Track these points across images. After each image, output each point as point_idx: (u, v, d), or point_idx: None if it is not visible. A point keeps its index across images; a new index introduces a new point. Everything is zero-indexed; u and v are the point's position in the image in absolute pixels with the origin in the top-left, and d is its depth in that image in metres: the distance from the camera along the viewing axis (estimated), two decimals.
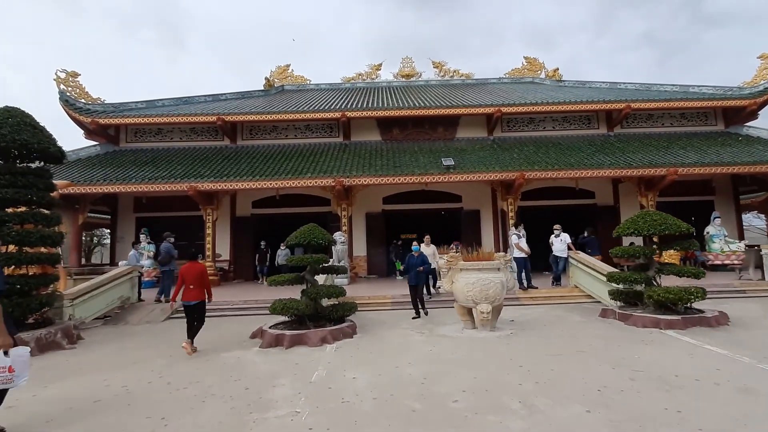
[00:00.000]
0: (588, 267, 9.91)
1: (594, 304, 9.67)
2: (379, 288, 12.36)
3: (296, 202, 16.65)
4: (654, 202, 15.04)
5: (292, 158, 15.90)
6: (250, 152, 16.64)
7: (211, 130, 17.69)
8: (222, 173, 14.38)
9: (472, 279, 7.00)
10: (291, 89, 23.38)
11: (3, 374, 3.38)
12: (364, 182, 14.07)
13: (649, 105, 16.60)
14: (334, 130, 17.70)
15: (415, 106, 16.88)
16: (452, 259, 7.31)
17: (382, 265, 16.69)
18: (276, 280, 7.26)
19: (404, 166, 14.59)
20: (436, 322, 8.23)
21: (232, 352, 6.42)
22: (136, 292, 10.97)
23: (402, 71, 24.38)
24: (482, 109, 16.54)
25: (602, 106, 16.69)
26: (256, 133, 17.72)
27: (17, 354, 3.50)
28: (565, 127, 17.73)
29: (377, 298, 10.52)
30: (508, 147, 16.49)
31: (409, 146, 16.80)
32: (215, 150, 17.04)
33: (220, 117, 16.26)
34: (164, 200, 16.40)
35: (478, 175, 14.01)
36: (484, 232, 16.87)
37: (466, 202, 16.99)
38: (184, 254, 16.92)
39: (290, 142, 17.55)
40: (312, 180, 13.96)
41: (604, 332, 6.83)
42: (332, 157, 15.94)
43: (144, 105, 18.30)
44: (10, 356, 3.43)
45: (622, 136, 17.29)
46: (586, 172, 14.00)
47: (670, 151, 15.47)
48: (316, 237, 7.56)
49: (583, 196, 17.03)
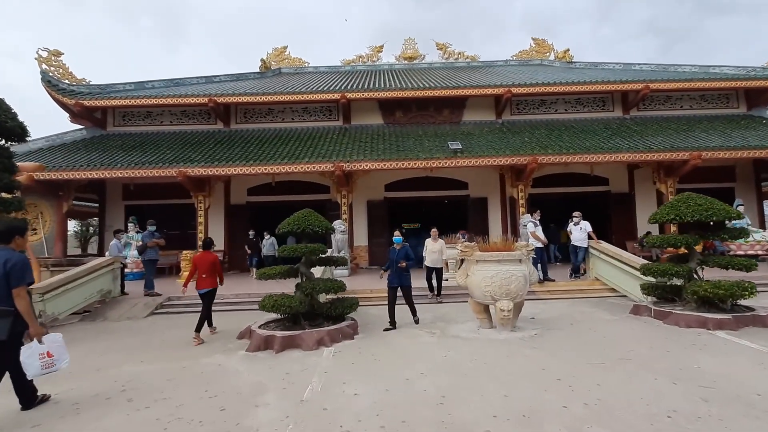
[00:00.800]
0: (613, 258, 8.96)
1: (619, 298, 8.75)
2: (382, 280, 11.44)
3: (294, 190, 15.68)
4: (674, 188, 14.05)
5: (288, 142, 14.88)
6: (244, 136, 15.61)
7: (203, 113, 16.63)
8: (214, 158, 13.38)
9: (491, 272, 6.06)
10: (288, 72, 22.23)
11: (44, 359, 3.62)
12: (365, 167, 13.07)
13: (669, 85, 15.50)
14: (334, 113, 16.63)
15: (419, 87, 15.79)
16: (467, 249, 6.37)
17: (385, 255, 15.68)
18: (266, 273, 6.32)
19: (408, 150, 13.57)
20: (448, 319, 7.32)
21: (214, 357, 5.51)
22: (118, 284, 10.05)
23: (404, 53, 23.19)
24: (491, 89, 15.46)
25: (619, 87, 15.60)
26: (250, 117, 16.66)
27: (51, 340, 3.74)
28: (578, 109, 16.65)
29: (380, 292, 9.58)
30: (518, 130, 15.45)
31: (413, 130, 15.76)
32: (207, 134, 16.01)
33: (212, 99, 15.20)
34: (155, 187, 15.43)
35: (488, 159, 13.00)
36: (492, 221, 15.92)
37: (473, 189, 16.01)
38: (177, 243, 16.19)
39: (287, 126, 16.50)
40: (310, 165, 12.96)
41: (643, 333, 5.91)
42: (331, 141, 14.92)
43: (132, 87, 17.21)
44: (45, 342, 3.65)
45: (639, 120, 16.23)
46: (602, 156, 12.99)
47: (692, 135, 14.43)
48: (311, 224, 6.61)
49: (597, 183, 16.04)
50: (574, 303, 8.55)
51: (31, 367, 3.61)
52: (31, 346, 3.62)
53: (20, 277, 3.50)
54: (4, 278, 3.46)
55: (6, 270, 3.46)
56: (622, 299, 8.66)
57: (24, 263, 3.57)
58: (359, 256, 15.67)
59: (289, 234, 6.84)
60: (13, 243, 3.70)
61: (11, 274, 3.47)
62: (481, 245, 6.51)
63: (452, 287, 9.63)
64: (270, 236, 13.65)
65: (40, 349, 3.62)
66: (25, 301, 3.47)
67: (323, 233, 6.72)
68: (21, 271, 3.51)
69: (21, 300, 3.45)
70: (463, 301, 8.80)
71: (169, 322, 8.15)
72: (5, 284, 3.46)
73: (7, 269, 3.46)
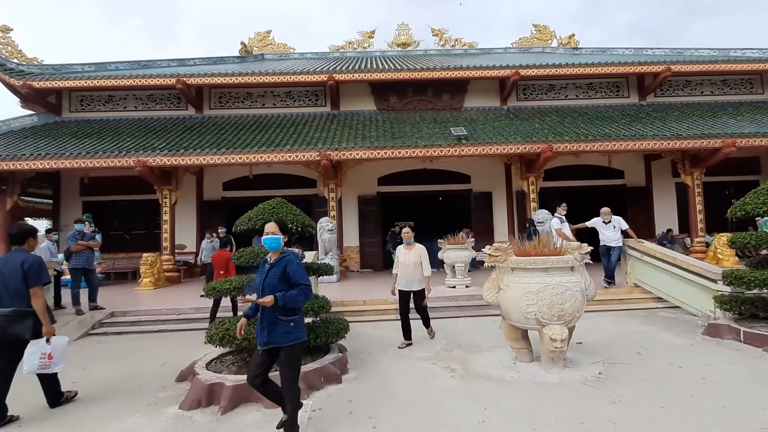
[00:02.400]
0: (662, 261, 7.20)
1: (671, 310, 7.02)
2: (376, 286, 9.58)
3: (276, 184, 13.75)
4: (701, 180, 12.45)
5: (269, 129, 12.93)
6: (219, 123, 13.61)
7: (172, 98, 14.57)
8: (181, 146, 11.37)
9: (536, 285, 4.24)
10: (272, 58, 20.19)
11: (43, 360, 3.59)
12: (356, 156, 11.19)
13: (692, 68, 13.89)
14: (320, 98, 14.71)
15: (416, 69, 13.96)
16: (498, 252, 4.54)
17: (378, 256, 13.92)
18: (215, 288, 4.41)
19: (405, 138, 11.73)
20: (467, 344, 5.49)
21: (132, 417, 3.60)
22: (50, 296, 8.01)
23: (397, 39, 21.30)
24: (496, 71, 13.68)
25: (636, 69, 13.94)
26: (226, 101, 14.65)
27: (57, 342, 3.73)
28: (590, 95, 14.97)
29: (375, 303, 7.73)
30: (526, 117, 13.71)
31: (409, 116, 13.92)
32: (177, 121, 13.97)
33: (180, 79, 13.16)
34: (117, 181, 13.37)
35: (497, 147, 11.21)
36: (497, 218, 14.15)
37: (475, 182, 14.23)
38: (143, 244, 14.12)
39: (268, 112, 14.53)
40: (292, 153, 11.04)
41: (751, 370, 4.14)
42: (318, 128, 13.00)
43: (92, 68, 15.09)
44: (51, 344, 3.67)
45: (657, 106, 14.60)
46: (626, 144, 11.30)
47: (719, 121, 12.83)
48: (284, 219, 4.71)
49: (611, 175, 14.40)
50: (617, 317, 6.79)
51: (30, 363, 3.59)
52: (38, 342, 3.61)
53: (38, 276, 3.57)
54: (22, 278, 3.52)
55: (24, 270, 3.53)
56: (674, 311, 6.93)
57: (40, 263, 3.65)
58: (349, 258, 13.79)
59: (255, 233, 4.93)
60: (26, 244, 3.75)
61: (29, 273, 3.53)
62: (517, 248, 4.68)
63: (458, 295, 7.80)
64: (214, 237, 10.22)
65: (45, 348, 3.63)
66: (41, 300, 3.56)
67: (298, 231, 4.83)
68: (38, 271, 3.59)
69: (38, 299, 3.53)
70: (477, 315, 6.98)
71: (102, 349, 6.19)
72: (24, 284, 3.52)
73: (25, 269, 3.53)
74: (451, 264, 8.98)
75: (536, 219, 11.13)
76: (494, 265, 4.69)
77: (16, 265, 3.54)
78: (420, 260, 5.59)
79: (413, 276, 5.58)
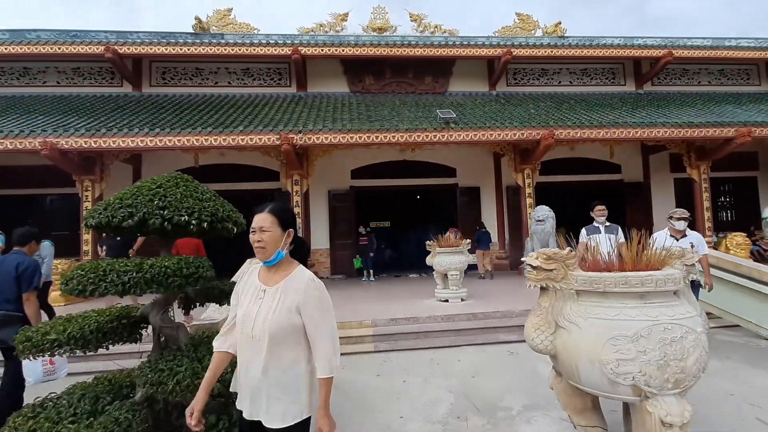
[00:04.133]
0: (722, 270, 5.50)
1: (731, 332, 5.35)
2: (350, 300, 7.56)
3: (231, 176, 11.52)
4: (707, 175, 11.11)
5: (220, 109, 10.67)
6: (161, 103, 11.21)
7: (104, 73, 12.02)
8: (105, 126, 8.96)
9: (633, 323, 2.34)
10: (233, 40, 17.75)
11: (46, 366, 3.25)
12: (324, 140, 9.12)
13: (694, 53, 12.62)
14: (284, 77, 12.53)
15: (395, 44, 12.05)
16: (553, 263, 2.64)
17: (351, 260, 11.87)
18: (29, 339, 2.27)
19: (383, 121, 9.77)
20: (484, 404, 3.53)
21: None
22: None
23: (373, 23, 19.08)
24: (486, 50, 11.96)
25: (637, 53, 12.52)
26: (171, 77, 12.23)
27: None
28: (585, 82, 13.48)
29: (347, 327, 5.69)
30: (518, 102, 12.03)
31: (388, 100, 11.98)
32: (108, 99, 11.46)
33: (110, 47, 10.70)
34: (34, 172, 10.74)
35: (491, 132, 9.42)
36: (486, 216, 12.38)
37: (462, 176, 12.43)
38: (64, 248, 11.45)
39: (222, 92, 12.23)
40: (246, 136, 8.86)
41: None
42: (281, 110, 10.84)
43: (6, 35, 12.31)
44: None
45: (654, 95, 13.27)
46: (636, 131, 9.79)
47: (725, 110, 11.56)
48: (175, 208, 2.62)
49: (607, 169, 12.94)
50: None
51: (34, 372, 3.21)
52: None
53: (31, 281, 3.40)
54: (15, 281, 3.36)
55: (17, 273, 3.37)
56: (736, 333, 5.27)
57: (35, 267, 3.49)
58: (318, 263, 11.69)
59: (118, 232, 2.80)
60: (27, 247, 3.60)
61: (22, 277, 3.37)
62: (582, 253, 2.79)
63: (454, 313, 5.86)
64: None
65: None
66: (35, 305, 3.39)
67: (203, 227, 2.75)
68: (32, 275, 3.41)
69: (31, 304, 3.37)
70: (488, 343, 5.08)
71: None
72: (17, 288, 3.36)
73: (18, 272, 3.37)
74: (443, 272, 7.07)
75: (536, 217, 9.42)
76: (544, 285, 2.77)
77: (11, 267, 3.38)
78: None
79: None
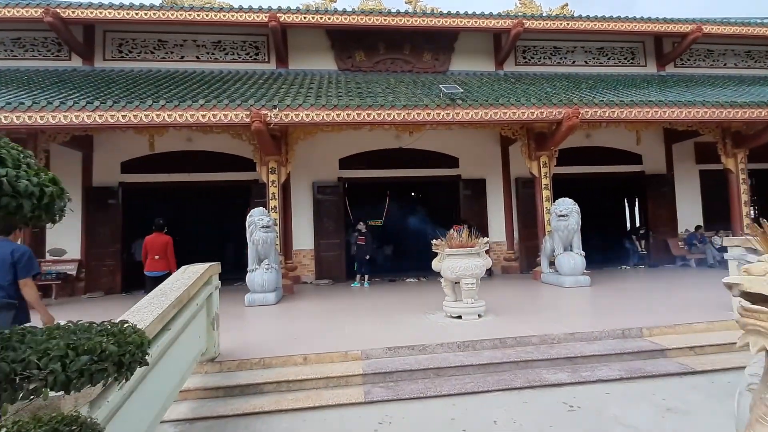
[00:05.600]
0: None
1: None
2: (334, 315, 5.87)
3: (201, 165, 9.82)
4: (745, 164, 9.65)
5: (183, 84, 8.91)
6: (115, 79, 9.41)
7: (50, 44, 10.16)
8: (40, 101, 7.13)
9: None
10: None
11: None
12: (305, 118, 7.41)
13: (724, 29, 11.14)
14: (262, 51, 10.77)
15: (389, 12, 10.39)
16: None
17: (340, 263, 10.18)
18: None
19: (376, 97, 8.09)
20: None
21: None
22: None
23: (364, 4, 17.56)
24: (493, 21, 10.33)
25: (662, 28, 10.99)
26: (130, 50, 10.40)
27: None
28: (601, 62, 11.94)
29: (325, 362, 4.00)
30: (530, 82, 10.45)
31: (381, 78, 10.30)
32: (53, 73, 9.63)
33: (51, 10, 8.86)
34: None
35: (504, 110, 7.81)
36: (492, 212, 10.81)
37: (465, 166, 10.81)
38: None
39: (189, 67, 10.43)
40: (208, 112, 7.13)
41: None
42: (255, 85, 9.11)
43: None
44: None
45: (678, 77, 11.79)
46: (676, 111, 8.27)
47: (763, 92, 10.08)
48: None
49: (627, 160, 11.42)
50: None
51: None
52: None
53: (29, 267, 3.30)
54: (11, 268, 3.21)
55: (14, 259, 3.22)
56: None
57: (31, 253, 3.37)
58: (301, 266, 9.99)
59: None
60: (12, 235, 3.41)
61: (19, 263, 3.23)
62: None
63: (475, 339, 4.15)
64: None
65: None
66: (34, 290, 3.33)
67: None
68: (30, 261, 3.32)
69: (31, 290, 3.29)
70: (531, 387, 3.34)
71: None
72: (12, 274, 3.21)
73: (15, 259, 3.22)
74: (454, 280, 5.42)
75: (557, 211, 7.88)
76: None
77: (6, 254, 3.19)
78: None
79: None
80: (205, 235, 13.19)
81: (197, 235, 12.62)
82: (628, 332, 4.41)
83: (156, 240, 6.55)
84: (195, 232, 12.60)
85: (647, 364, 3.93)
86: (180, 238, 8.66)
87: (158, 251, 6.47)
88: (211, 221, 13.50)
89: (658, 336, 4.40)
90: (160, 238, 6.58)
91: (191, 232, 12.18)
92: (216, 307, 4.05)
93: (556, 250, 8.05)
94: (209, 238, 13.07)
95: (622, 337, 4.37)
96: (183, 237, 10.39)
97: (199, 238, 12.58)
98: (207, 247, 11.68)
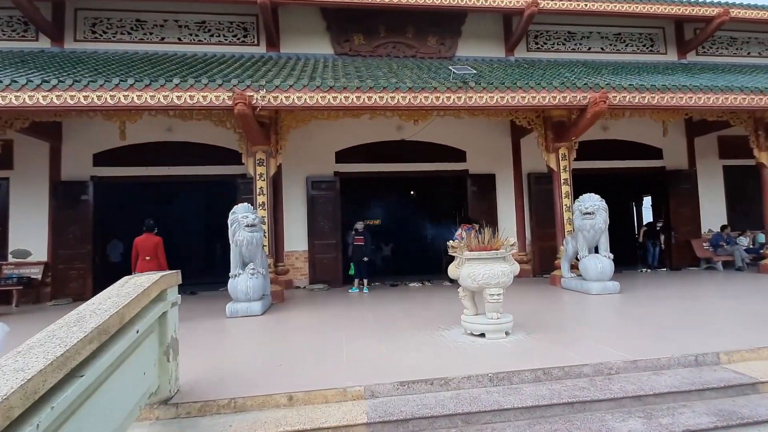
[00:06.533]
0: None
1: None
2: (328, 331, 4.88)
3: (183, 158, 8.83)
4: None
5: (160, 65, 7.89)
6: (86, 61, 8.37)
7: (15, 23, 9.11)
8: None
9: None
10: None
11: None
12: (296, 102, 6.43)
13: (752, 14, 10.27)
14: (251, 33, 9.75)
15: None
16: None
17: (336, 265, 9.20)
18: None
19: (377, 80, 7.11)
20: None
21: None
22: None
23: None
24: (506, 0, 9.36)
25: (686, 11, 10.08)
26: (104, 31, 9.34)
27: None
28: (619, 48, 11.02)
29: (316, 402, 3.01)
30: (544, 68, 9.51)
31: (382, 63, 9.31)
32: (18, 55, 8.58)
33: None
34: None
35: (523, 94, 6.87)
36: (503, 209, 9.86)
37: (473, 161, 9.86)
38: None
39: (170, 49, 9.40)
40: (185, 92, 6.13)
41: None
42: (241, 67, 8.10)
43: None
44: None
45: (701, 65, 10.90)
46: (709, 97, 7.37)
47: None
48: None
49: (646, 155, 10.53)
50: None
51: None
52: None
53: None
54: None
55: None
56: None
57: None
58: (293, 269, 9.01)
59: None
60: None
61: None
62: None
63: (511, 370, 3.15)
64: None
65: None
66: None
67: None
68: None
69: None
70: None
71: None
72: None
73: None
74: (476, 289, 4.45)
75: (582, 208, 6.94)
76: None
77: None
78: None
79: None
80: (188, 234, 12.16)
81: (180, 234, 11.57)
82: (702, 358, 3.45)
83: (147, 241, 6.38)
84: (177, 231, 11.54)
85: (738, 404, 2.98)
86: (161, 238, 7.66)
87: (149, 252, 6.29)
88: (194, 219, 12.47)
89: (740, 363, 3.46)
90: (150, 239, 6.39)
91: (173, 232, 11.12)
92: (173, 330, 3.05)
93: (580, 252, 7.11)
94: (193, 238, 12.05)
95: (696, 365, 3.42)
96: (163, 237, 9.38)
97: (182, 238, 11.55)
98: (191, 248, 10.67)
